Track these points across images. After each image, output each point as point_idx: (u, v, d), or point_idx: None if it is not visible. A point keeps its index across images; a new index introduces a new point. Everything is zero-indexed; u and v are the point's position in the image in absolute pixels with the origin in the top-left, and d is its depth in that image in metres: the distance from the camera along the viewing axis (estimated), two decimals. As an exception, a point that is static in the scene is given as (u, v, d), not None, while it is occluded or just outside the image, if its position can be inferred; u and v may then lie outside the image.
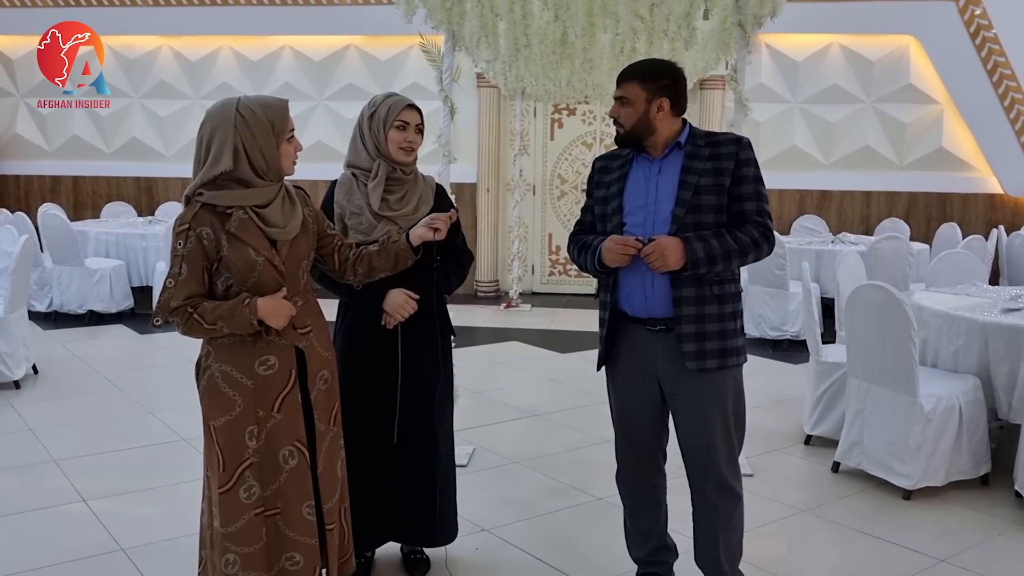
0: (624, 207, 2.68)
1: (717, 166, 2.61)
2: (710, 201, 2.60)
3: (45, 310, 7.78)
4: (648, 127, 2.64)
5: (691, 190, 2.60)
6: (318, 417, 2.51)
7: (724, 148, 2.64)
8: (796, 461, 4.50)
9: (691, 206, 2.59)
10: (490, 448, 4.58)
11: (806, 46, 8.92)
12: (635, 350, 2.72)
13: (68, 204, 9.96)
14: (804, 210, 9.18)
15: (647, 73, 2.65)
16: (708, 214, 2.60)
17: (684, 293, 2.59)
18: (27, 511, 3.74)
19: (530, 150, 9.55)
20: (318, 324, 2.54)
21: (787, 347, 7.05)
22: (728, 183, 2.61)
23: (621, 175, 2.72)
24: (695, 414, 2.68)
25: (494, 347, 7.18)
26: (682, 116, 2.70)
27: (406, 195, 2.94)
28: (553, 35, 4.08)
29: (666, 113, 2.64)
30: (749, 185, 2.63)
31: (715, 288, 2.62)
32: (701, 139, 2.66)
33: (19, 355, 5.61)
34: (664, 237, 2.53)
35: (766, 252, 2.63)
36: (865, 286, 4.13)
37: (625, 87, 2.66)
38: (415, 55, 9.23)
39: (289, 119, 2.43)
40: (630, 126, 2.65)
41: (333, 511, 2.56)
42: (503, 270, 9.61)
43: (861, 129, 9.03)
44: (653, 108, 2.62)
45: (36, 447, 4.54)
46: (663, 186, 2.64)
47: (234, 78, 9.70)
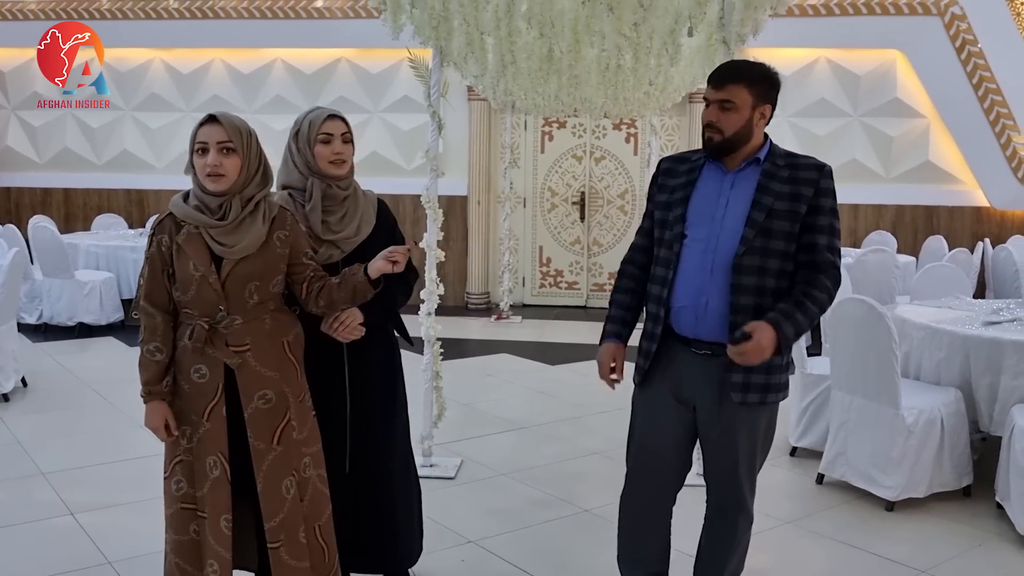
0: (688, 217, 2.52)
1: (795, 191, 2.44)
2: (783, 227, 2.43)
3: (35, 322, 7.77)
4: (748, 135, 2.45)
5: (765, 212, 2.43)
6: (253, 435, 2.50)
7: (804, 173, 2.47)
8: (781, 472, 4.54)
9: (762, 229, 2.43)
10: (478, 460, 4.61)
11: (794, 60, 9.00)
12: (674, 371, 2.56)
13: (59, 216, 9.96)
14: (792, 222, 9.23)
15: (756, 76, 2.47)
16: (778, 240, 2.43)
17: (740, 320, 2.39)
18: (15, 524, 3.75)
19: (520, 163, 9.61)
20: (265, 344, 2.51)
21: (775, 359, 7.08)
22: (804, 211, 2.44)
23: (688, 181, 2.55)
24: (727, 446, 2.56)
25: (484, 359, 7.20)
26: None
27: (346, 215, 2.81)
28: (539, 51, 4.13)
29: (765, 121, 2.48)
30: (825, 217, 2.46)
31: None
32: (781, 159, 2.50)
33: (8, 368, 5.62)
34: (761, 332, 2.31)
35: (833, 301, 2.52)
36: (848, 300, 4.18)
37: (730, 89, 2.44)
38: (406, 68, 9.26)
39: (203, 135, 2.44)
40: (731, 132, 2.44)
41: (278, 531, 2.53)
42: (493, 282, 9.65)
43: (848, 142, 9.10)
44: (756, 115, 2.45)
45: (24, 460, 4.55)
46: (734, 202, 2.48)
47: (226, 91, 9.74)
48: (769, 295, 2.43)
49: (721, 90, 2.44)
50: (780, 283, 2.45)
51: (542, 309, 9.56)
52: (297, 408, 2.59)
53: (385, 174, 9.50)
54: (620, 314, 2.68)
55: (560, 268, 9.80)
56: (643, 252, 2.67)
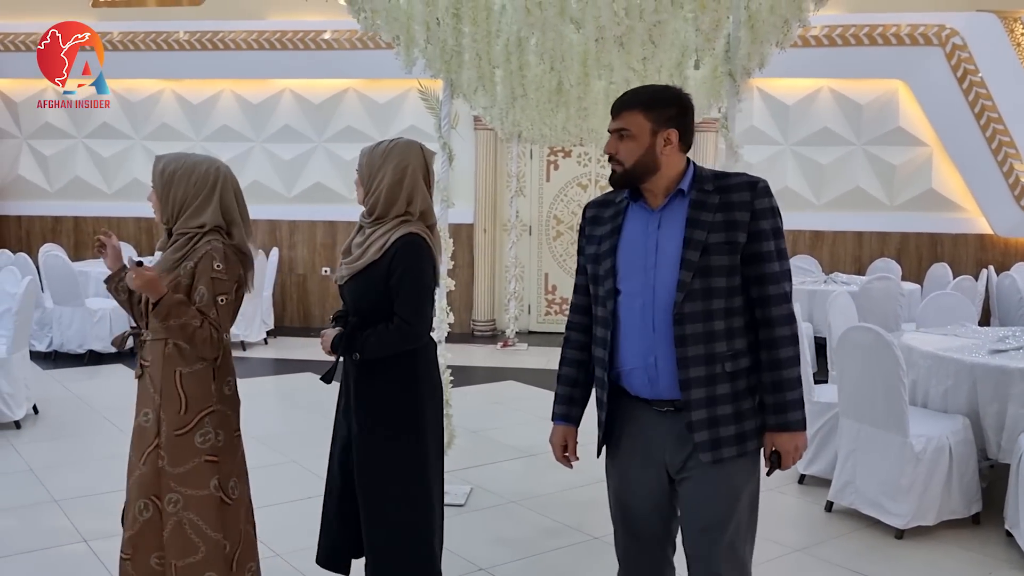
0: (618, 270, 2.26)
1: (729, 218, 2.18)
2: (721, 262, 2.18)
3: (45, 350, 7.83)
4: (652, 164, 2.22)
5: (699, 249, 2.17)
6: (131, 446, 2.78)
7: (737, 195, 2.20)
8: (790, 500, 4.55)
9: (699, 269, 2.17)
10: (488, 487, 4.63)
11: (797, 90, 9.10)
12: (639, 432, 2.32)
13: (69, 244, 10.04)
14: (797, 250, 9.29)
15: (652, 100, 2.24)
16: (719, 278, 2.18)
17: (692, 374, 2.18)
18: (28, 551, 3.78)
19: (526, 191, 9.69)
20: (160, 366, 2.70)
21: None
22: (743, 239, 2.18)
23: (614, 228, 2.29)
24: (706, 505, 2.27)
25: (491, 387, 7.23)
26: (686, 153, 2.29)
27: (363, 243, 2.78)
28: (549, 84, 4.21)
29: (674, 148, 2.23)
30: (769, 242, 2.20)
31: (727, 364, 2.20)
32: (709, 183, 2.23)
33: (20, 395, 5.66)
34: (779, 442, 2.22)
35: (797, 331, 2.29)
36: (855, 328, 4.21)
37: (625, 117, 2.23)
38: (412, 98, 9.37)
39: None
40: (631, 163, 2.22)
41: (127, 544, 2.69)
42: (499, 309, 9.70)
43: (852, 171, 9.18)
44: (659, 141, 2.21)
45: (36, 487, 4.58)
46: (664, 244, 2.22)
47: (235, 120, 9.85)
48: (721, 339, 2.19)
49: (617, 118, 2.25)
50: (731, 322, 2.21)
51: (548, 336, 9.58)
52: (170, 440, 2.65)
53: (392, 202, 9.58)
54: (567, 392, 2.46)
55: (565, 296, 9.84)
56: (582, 312, 2.43)
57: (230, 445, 2.76)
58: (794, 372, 2.23)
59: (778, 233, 2.23)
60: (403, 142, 2.83)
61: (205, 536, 2.66)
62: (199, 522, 2.65)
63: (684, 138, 2.25)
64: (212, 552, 2.67)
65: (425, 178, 2.83)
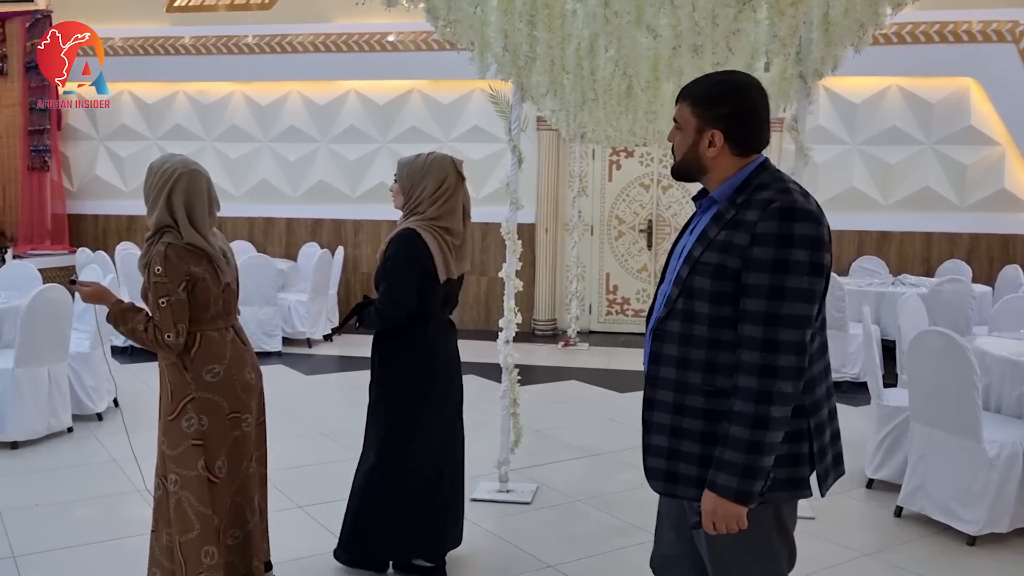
0: (666, 271, 2.14)
1: (729, 239, 1.94)
2: (703, 285, 1.96)
3: (123, 344, 8.08)
4: (696, 163, 2.06)
5: (690, 266, 1.99)
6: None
7: (750, 214, 1.94)
8: (858, 504, 4.52)
9: (685, 288, 1.99)
10: (553, 486, 4.68)
11: (865, 88, 8.97)
12: None
13: (142, 242, 10.32)
14: (863, 251, 9.16)
15: (703, 95, 2.05)
16: (701, 302, 1.96)
17: (659, 396, 2.04)
18: (110, 540, 3.94)
19: (588, 191, 9.72)
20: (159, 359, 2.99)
21: (846, 389, 7.03)
22: (735, 265, 1.92)
23: (684, 226, 2.18)
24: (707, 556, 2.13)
25: (553, 386, 7.28)
26: (749, 156, 2.04)
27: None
28: (618, 87, 4.24)
29: (719, 150, 2.02)
30: (760, 274, 1.89)
31: (700, 400, 1.98)
32: (742, 194, 1.99)
33: (102, 389, 5.89)
34: (708, 501, 1.95)
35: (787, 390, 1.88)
36: (927, 331, 4.17)
37: (679, 107, 2.09)
38: (476, 98, 9.50)
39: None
40: (679, 157, 2.10)
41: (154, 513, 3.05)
42: (560, 309, 9.74)
43: (921, 170, 9.01)
44: (704, 141, 2.03)
45: (119, 477, 4.76)
46: (685, 253, 2.06)
47: (302, 121, 10.06)
48: (696, 369, 1.98)
49: (676, 107, 2.11)
50: (715, 356, 1.97)
51: (608, 336, 9.60)
52: (165, 425, 2.96)
53: (455, 202, 9.70)
54: None
55: (627, 296, 9.85)
56: None
57: (218, 428, 2.95)
58: (742, 432, 1.88)
59: (780, 267, 1.88)
60: (439, 156, 3.33)
61: (199, 513, 2.90)
62: (194, 500, 2.90)
63: (736, 141, 2.02)
64: (205, 528, 2.91)
65: (456, 186, 3.29)
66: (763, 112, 2.06)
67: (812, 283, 1.90)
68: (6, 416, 5.18)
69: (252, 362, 3.10)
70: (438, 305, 3.34)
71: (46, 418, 5.35)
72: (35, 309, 5.24)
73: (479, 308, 9.89)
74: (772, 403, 1.87)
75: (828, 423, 2.08)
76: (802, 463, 2.00)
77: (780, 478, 1.97)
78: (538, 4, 3.42)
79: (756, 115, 2.04)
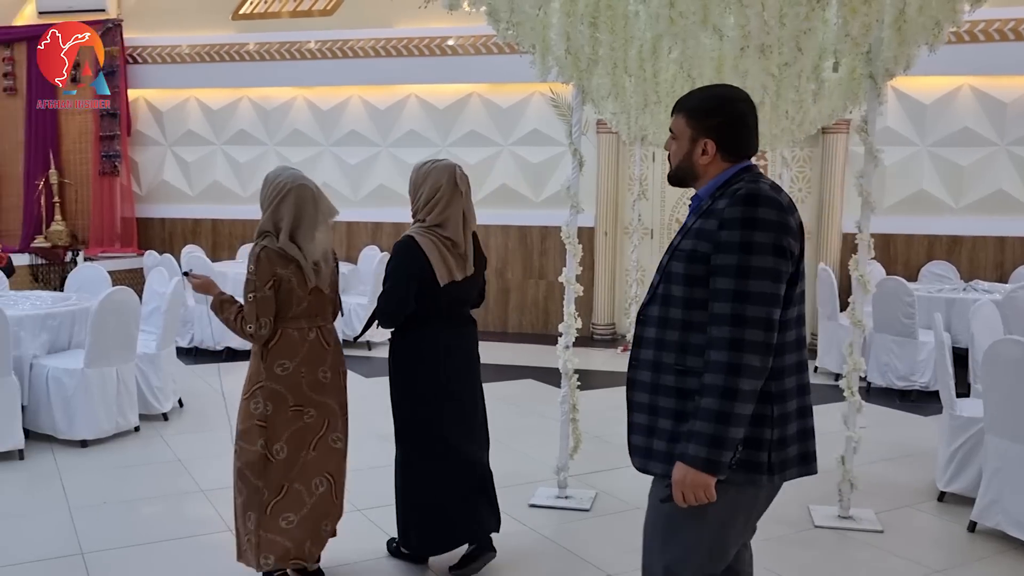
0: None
1: (703, 226, 2.12)
2: (678, 269, 2.13)
3: (187, 346, 8.27)
4: (691, 170, 2.24)
5: (670, 253, 2.20)
6: None
7: (721, 203, 2.11)
8: (929, 519, 4.37)
9: (665, 273, 2.19)
10: (612, 493, 4.63)
11: (935, 88, 8.71)
12: None
13: (207, 245, 10.58)
14: (933, 256, 8.90)
15: (696, 107, 2.23)
16: (677, 285, 2.13)
17: (639, 376, 2.21)
18: (176, 538, 4.01)
19: (648, 194, 9.62)
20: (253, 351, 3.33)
21: (915, 398, 6.84)
22: (706, 249, 2.08)
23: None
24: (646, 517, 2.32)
25: (612, 391, 7.19)
26: (739, 161, 2.21)
27: None
28: (680, 89, 4.17)
29: (711, 157, 2.19)
30: (729, 255, 2.03)
31: (672, 379, 2.14)
32: (720, 189, 2.17)
33: (168, 389, 6.01)
34: (677, 471, 2.06)
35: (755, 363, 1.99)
36: (1004, 340, 4.01)
37: (674, 118, 2.27)
38: (535, 102, 9.47)
39: None
40: (674, 165, 2.28)
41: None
42: (619, 313, 9.66)
43: (994, 173, 8.71)
44: (697, 150, 2.20)
45: (184, 476, 4.85)
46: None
47: (362, 125, 10.16)
48: (670, 349, 2.14)
49: (672, 119, 2.29)
50: (687, 336, 2.12)
51: (668, 341, 9.48)
52: (240, 402, 3.33)
53: (514, 206, 9.70)
54: None
55: (687, 300, 9.71)
56: None
57: (281, 416, 3.27)
58: (711, 403, 2.00)
59: (745, 247, 2.01)
60: (438, 164, 3.46)
61: (248, 482, 3.29)
62: (246, 471, 3.29)
63: (726, 148, 2.19)
64: (251, 496, 3.28)
65: (452, 195, 3.41)
66: (751, 122, 2.22)
67: (776, 263, 2.02)
68: (76, 415, 5.32)
69: (332, 363, 3.39)
70: (444, 306, 3.49)
71: (114, 417, 5.48)
72: (104, 310, 5.36)
73: (537, 312, 9.86)
74: (741, 375, 1.99)
75: (796, 417, 2.16)
76: (761, 448, 2.10)
77: (740, 458, 2.07)
78: (601, 6, 3.38)
79: (745, 125, 2.21)
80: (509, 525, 4.18)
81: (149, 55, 10.59)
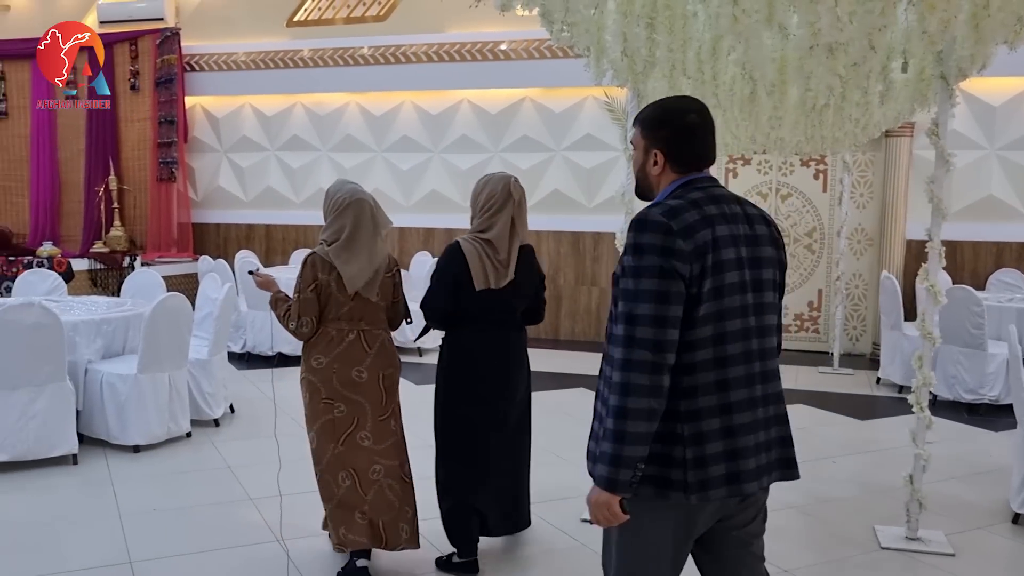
0: None
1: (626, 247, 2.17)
2: (616, 290, 2.16)
3: (239, 351, 8.31)
4: (646, 181, 2.26)
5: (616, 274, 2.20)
6: None
7: None
8: (1004, 542, 4.15)
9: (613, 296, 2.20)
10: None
11: (1005, 90, 8.39)
12: None
13: (261, 250, 10.66)
14: (1002, 263, 8.57)
15: (646, 119, 2.24)
16: (614, 305, 2.17)
17: (600, 386, 2.23)
18: (226, 547, 3.98)
19: (703, 200, 9.42)
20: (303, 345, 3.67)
21: (984, 412, 6.56)
22: (620, 272, 2.14)
23: None
24: None
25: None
26: (689, 172, 2.19)
27: None
28: (741, 92, 4.03)
29: (662, 168, 2.19)
30: (625, 279, 2.08)
31: (606, 391, 2.15)
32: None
33: (219, 395, 6.02)
34: (590, 493, 2.11)
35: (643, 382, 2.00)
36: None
37: (634, 131, 2.29)
38: (588, 106, 9.36)
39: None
40: (635, 175, 2.31)
41: None
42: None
43: (1068, 177, 8.37)
44: (649, 161, 2.21)
45: (234, 484, 4.83)
46: None
47: (414, 131, 10.14)
48: (609, 363, 2.16)
49: (632, 131, 2.33)
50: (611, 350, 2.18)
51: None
52: None
53: (567, 211, 9.59)
54: None
55: (743, 308, 9.50)
56: None
57: (314, 406, 3.59)
58: (609, 423, 2.03)
59: (635, 272, 2.05)
60: (496, 176, 3.73)
61: (317, 460, 3.65)
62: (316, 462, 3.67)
63: (674, 159, 2.18)
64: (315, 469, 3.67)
65: (504, 202, 3.63)
66: (701, 133, 2.19)
67: (662, 285, 2.02)
68: (129, 420, 5.34)
69: (372, 365, 3.60)
70: (481, 310, 3.61)
71: (166, 423, 5.49)
72: (157, 316, 5.38)
73: (589, 319, 9.73)
74: (629, 394, 2.01)
75: (721, 436, 2.10)
76: (673, 465, 2.09)
77: (649, 474, 2.07)
78: (658, 5, 3.26)
79: (694, 136, 2.18)
80: (560, 540, 4.08)
81: (206, 63, 10.72)
